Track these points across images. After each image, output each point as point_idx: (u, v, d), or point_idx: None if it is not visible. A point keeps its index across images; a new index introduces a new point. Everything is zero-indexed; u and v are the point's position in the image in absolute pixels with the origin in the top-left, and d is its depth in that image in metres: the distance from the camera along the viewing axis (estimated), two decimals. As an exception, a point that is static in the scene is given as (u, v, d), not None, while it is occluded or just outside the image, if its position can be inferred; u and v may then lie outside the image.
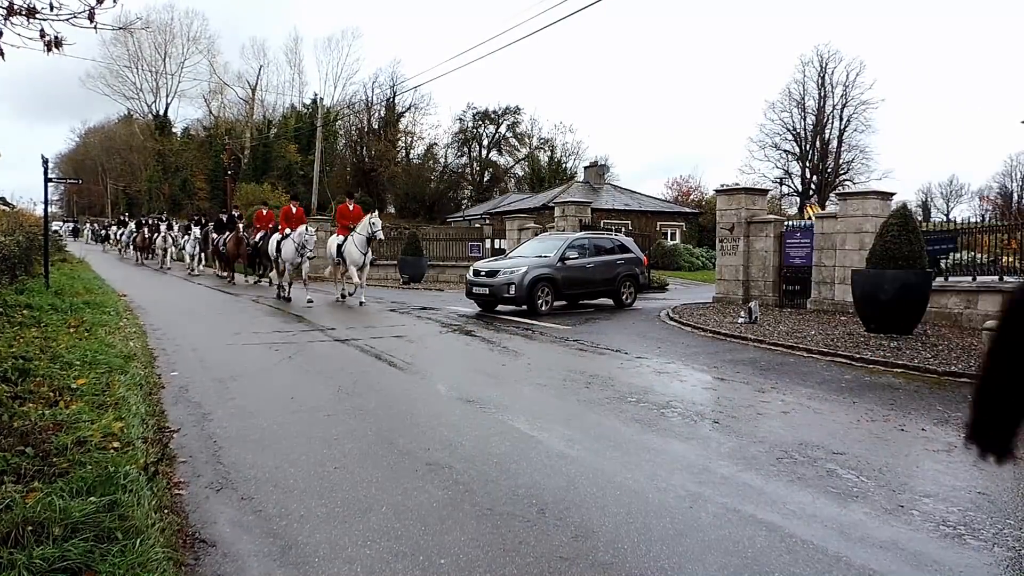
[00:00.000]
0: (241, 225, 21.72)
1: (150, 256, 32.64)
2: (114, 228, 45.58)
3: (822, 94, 48.94)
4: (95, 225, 58.81)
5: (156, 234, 29.84)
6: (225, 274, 22.99)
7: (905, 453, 5.38)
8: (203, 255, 26.25)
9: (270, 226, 19.45)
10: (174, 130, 61.67)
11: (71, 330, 8.92)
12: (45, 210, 16.98)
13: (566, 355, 9.52)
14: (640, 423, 6.01)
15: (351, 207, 16.88)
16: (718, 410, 6.58)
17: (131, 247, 34.97)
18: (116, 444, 4.43)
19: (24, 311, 9.85)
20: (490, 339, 10.86)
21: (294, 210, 17.16)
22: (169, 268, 27.76)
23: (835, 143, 49.64)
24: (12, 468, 3.81)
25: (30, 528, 3.12)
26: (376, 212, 16.46)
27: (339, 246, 16.13)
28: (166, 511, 3.76)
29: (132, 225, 36.75)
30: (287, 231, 16.30)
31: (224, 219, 25.06)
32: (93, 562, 2.99)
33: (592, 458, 5.06)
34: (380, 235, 15.56)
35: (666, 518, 4.00)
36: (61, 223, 58.17)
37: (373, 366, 8.48)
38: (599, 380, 7.76)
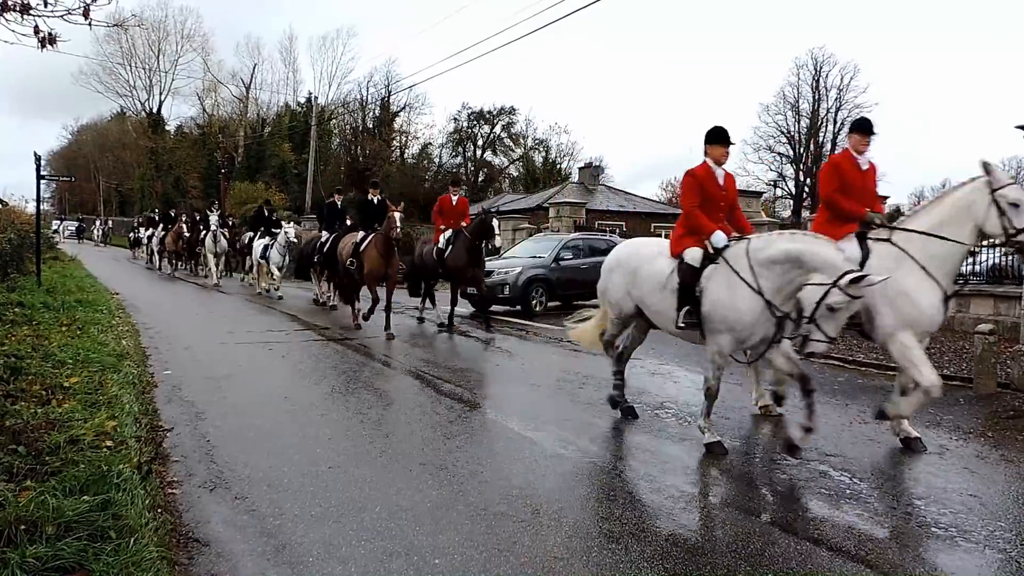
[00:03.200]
0: (397, 215, 10.58)
1: (185, 263, 23.93)
2: (140, 230, 32.57)
3: (816, 97, 48.98)
4: (108, 224, 52.06)
5: (204, 232, 20.04)
6: (337, 304, 13.96)
7: (897, 455, 5.40)
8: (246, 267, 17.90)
9: (464, 224, 11.83)
10: (167, 128, 61.11)
11: (63, 328, 8.87)
12: (37, 207, 17.03)
13: (560, 355, 9.52)
14: (634, 424, 6.02)
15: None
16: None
17: (157, 252, 25.59)
18: (109, 443, 4.41)
19: (16, 309, 9.79)
20: (484, 339, 10.85)
21: (720, 177, 6.13)
22: (218, 284, 18.76)
23: (829, 146, 49.70)
24: (4, 467, 3.79)
25: (23, 527, 3.11)
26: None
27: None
28: (159, 510, 3.75)
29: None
30: (734, 235, 5.61)
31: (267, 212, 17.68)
32: (87, 561, 2.98)
33: (586, 459, 5.07)
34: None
35: (661, 518, 4.02)
36: (59, 221, 52.81)
37: (367, 366, 8.47)
38: (593, 381, 7.76)
